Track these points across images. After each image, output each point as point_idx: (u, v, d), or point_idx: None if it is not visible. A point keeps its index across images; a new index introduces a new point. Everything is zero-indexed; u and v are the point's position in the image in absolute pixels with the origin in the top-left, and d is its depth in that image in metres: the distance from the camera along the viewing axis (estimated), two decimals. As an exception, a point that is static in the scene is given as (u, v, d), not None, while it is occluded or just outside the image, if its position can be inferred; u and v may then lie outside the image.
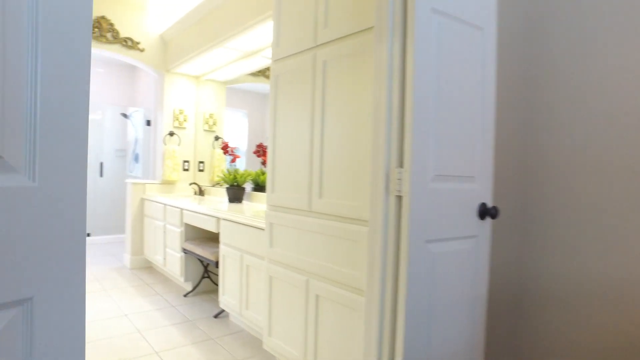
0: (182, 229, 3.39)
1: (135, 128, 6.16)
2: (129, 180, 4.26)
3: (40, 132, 0.72)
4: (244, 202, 3.54)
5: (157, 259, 3.88)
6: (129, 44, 4.17)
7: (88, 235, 5.44)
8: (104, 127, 6.01)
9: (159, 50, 4.38)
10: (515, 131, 1.98)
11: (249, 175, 3.52)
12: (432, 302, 1.45)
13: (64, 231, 0.76)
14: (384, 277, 1.40)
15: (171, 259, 3.55)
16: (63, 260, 0.76)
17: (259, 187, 3.58)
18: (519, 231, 1.96)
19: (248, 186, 3.68)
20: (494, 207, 1.59)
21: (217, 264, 2.86)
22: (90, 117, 5.82)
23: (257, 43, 3.35)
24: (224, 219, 2.71)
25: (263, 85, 4.21)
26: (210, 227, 2.89)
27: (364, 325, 1.48)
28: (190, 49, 3.87)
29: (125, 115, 6.23)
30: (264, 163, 3.67)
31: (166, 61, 4.40)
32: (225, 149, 3.70)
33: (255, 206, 3.21)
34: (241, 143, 4.45)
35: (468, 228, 1.56)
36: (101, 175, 5.72)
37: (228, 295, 2.71)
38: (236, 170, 3.52)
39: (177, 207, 3.43)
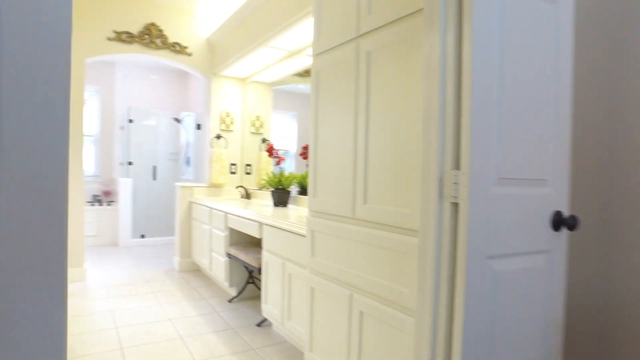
0: (227, 233, 3.34)
1: (187, 132, 6.29)
2: (177, 184, 4.30)
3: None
4: (289, 206, 3.42)
5: (203, 262, 3.87)
6: (177, 48, 4.22)
7: (142, 236, 5.61)
8: (158, 132, 6.18)
9: (205, 54, 4.40)
10: (597, 126, 1.68)
11: (294, 178, 3.41)
12: (495, 328, 1.22)
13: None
14: (437, 298, 1.20)
15: (216, 263, 3.52)
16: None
17: (305, 190, 3.45)
18: (602, 244, 1.66)
19: (294, 190, 3.57)
20: (572, 217, 1.33)
21: (259, 271, 2.76)
22: (146, 123, 6.01)
23: (300, 41, 3.23)
24: (266, 224, 2.61)
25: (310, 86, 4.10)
26: (253, 232, 2.79)
27: (414, 351, 1.29)
28: (235, 50, 3.83)
29: (177, 120, 6.39)
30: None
31: (213, 64, 4.41)
32: (270, 151, 3.61)
33: (300, 210, 3.08)
34: (291, 146, 4.36)
35: (539, 241, 1.31)
36: (154, 178, 5.88)
37: (270, 304, 2.60)
38: (281, 173, 3.41)
39: (222, 211, 3.38)
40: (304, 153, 3.58)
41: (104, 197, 6.03)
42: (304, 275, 2.17)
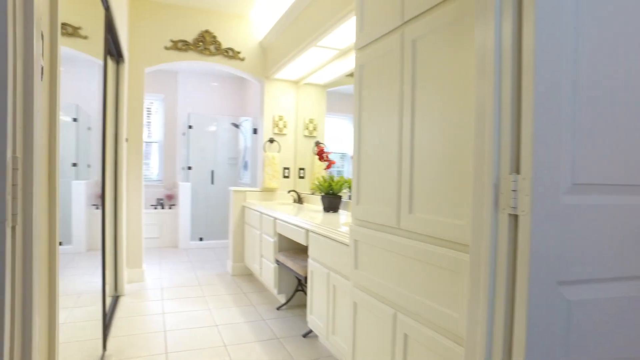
0: (276, 239, 3.26)
1: (244, 137, 6.38)
2: (231, 188, 4.33)
3: None
4: (340, 211, 3.27)
5: (254, 267, 3.83)
6: (230, 54, 4.25)
7: (200, 239, 5.75)
8: (218, 137, 6.33)
9: (258, 58, 4.40)
10: None
11: (345, 182, 3.25)
12: (570, 370, 0.98)
13: None
14: (491, 330, 0.98)
15: (266, 269, 3.45)
16: None
17: (355, 195, 3.28)
18: None
19: (347, 194, 3.42)
20: (675, 232, 1.04)
21: (306, 280, 2.64)
22: (205, 128, 6.18)
23: (349, 39, 3.08)
24: (311, 231, 2.48)
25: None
26: (300, 239, 2.68)
27: (466, 389, 1.08)
28: (285, 52, 3.77)
29: (235, 125, 6.51)
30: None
31: (265, 68, 4.39)
32: (320, 154, 3.49)
33: (349, 216, 2.92)
34: (347, 149, 4.21)
35: (635, 264, 1.04)
36: (212, 182, 6.01)
37: (315, 315, 2.46)
38: (331, 177, 3.28)
39: (271, 216, 3.31)
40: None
41: (166, 201, 6.29)
42: (347, 288, 2.01)
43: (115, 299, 3.30)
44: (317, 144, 4.25)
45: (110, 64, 3.46)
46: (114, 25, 2.78)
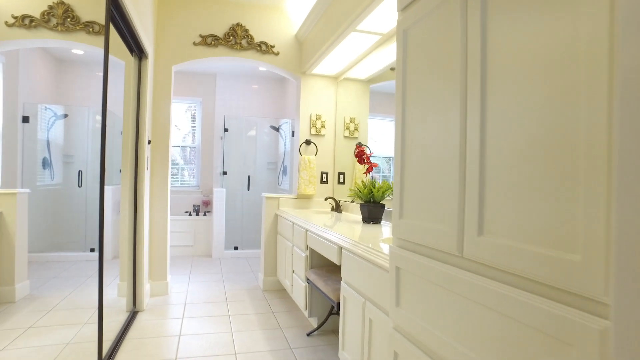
0: (307, 253, 2.83)
1: (284, 140, 6.04)
2: (264, 194, 3.96)
3: None
4: (382, 223, 2.79)
5: (286, 283, 3.42)
6: (263, 48, 3.90)
7: (235, 248, 5.44)
8: (256, 141, 6.03)
9: (293, 52, 4.02)
10: None
11: (388, 188, 2.77)
12: None
13: None
14: None
15: (297, 287, 3.03)
16: None
17: (400, 204, 2.79)
18: None
19: (390, 202, 2.93)
20: None
21: (338, 306, 2.18)
22: (243, 131, 5.90)
23: (391, 21, 2.60)
24: (345, 249, 2.02)
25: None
26: (332, 256, 2.22)
27: None
28: (322, 41, 3.35)
29: (274, 128, 6.19)
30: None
31: (301, 63, 4.00)
32: (360, 156, 3.02)
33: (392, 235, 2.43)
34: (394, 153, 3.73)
35: None
36: (248, 188, 5.70)
37: (348, 352, 1.99)
38: (371, 183, 2.80)
39: (303, 227, 2.89)
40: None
41: (203, 207, 6.06)
42: (387, 327, 1.53)
43: (133, 315, 3.01)
44: (358, 144, 3.79)
45: (132, 60, 3.21)
46: (125, 16, 2.49)
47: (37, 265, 4.13)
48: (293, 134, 5.55)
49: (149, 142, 3.36)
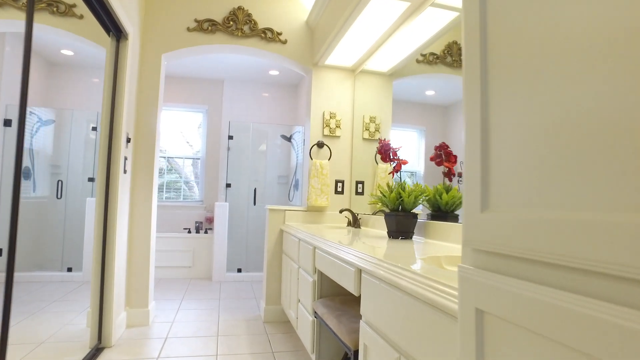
0: (316, 277, 2.17)
1: (296, 151, 5.46)
2: (267, 206, 3.33)
3: None
4: (414, 239, 2.12)
5: (290, 314, 2.74)
6: (269, 35, 3.35)
7: (239, 270, 4.79)
8: (267, 151, 5.46)
9: (303, 40, 3.45)
10: None
11: (422, 193, 2.10)
12: None
13: None
14: None
15: (302, 321, 2.35)
16: None
17: (441, 213, 2.12)
18: None
19: (422, 213, 2.28)
20: None
21: (355, 355, 1.50)
22: (253, 142, 5.34)
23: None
24: (366, 272, 1.36)
25: (442, 82, 2.77)
26: (347, 282, 1.55)
27: None
28: (336, 20, 2.78)
29: (286, 138, 5.61)
30: (448, 174, 2.20)
31: (313, 52, 3.43)
32: (384, 151, 2.35)
33: (434, 247, 1.75)
34: (418, 167, 3.07)
35: None
36: (254, 203, 5.09)
37: None
38: (400, 185, 2.15)
39: (310, 244, 2.24)
40: (439, 155, 2.29)
41: (205, 224, 5.47)
42: (448, 417, 0.85)
43: (95, 352, 2.37)
44: (380, 139, 3.13)
45: (109, 42, 2.68)
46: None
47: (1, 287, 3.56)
48: (304, 142, 4.97)
49: (129, 140, 2.79)
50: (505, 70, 0.63)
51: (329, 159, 3.39)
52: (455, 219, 2.07)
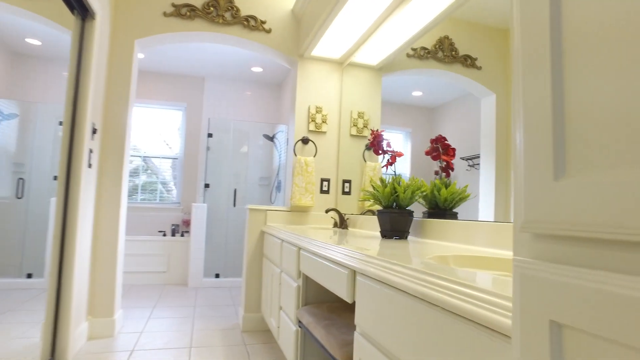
0: (300, 282, 1.94)
1: (278, 151, 5.23)
2: (247, 206, 3.09)
3: None
4: (409, 239, 1.92)
5: (271, 323, 2.51)
6: (252, 24, 3.13)
7: (217, 276, 4.52)
8: (248, 151, 5.21)
9: (289, 30, 3.25)
10: None
11: (419, 188, 1.91)
12: None
13: None
14: None
15: (285, 331, 2.12)
16: None
17: (439, 211, 1.93)
18: None
19: (417, 210, 2.08)
20: None
21: (349, 374, 1.29)
22: (234, 141, 5.09)
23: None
24: (362, 274, 1.14)
25: (431, 81, 2.60)
26: (338, 286, 1.34)
27: None
28: (322, 10, 2.58)
29: (269, 138, 5.38)
30: (445, 169, 2.01)
31: (299, 43, 3.23)
32: (377, 143, 2.14)
33: (434, 247, 1.54)
34: (403, 170, 2.89)
35: None
36: (234, 204, 4.83)
37: None
38: (395, 180, 1.95)
39: (294, 245, 2.01)
40: (436, 148, 2.11)
41: (183, 227, 5.17)
42: None
43: (49, 370, 2.08)
44: (373, 130, 2.96)
45: (74, 21, 2.42)
46: None
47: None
48: (288, 141, 4.76)
49: (95, 131, 2.52)
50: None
51: (314, 156, 3.19)
52: (454, 216, 1.89)
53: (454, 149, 2.05)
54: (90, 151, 2.48)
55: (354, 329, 1.48)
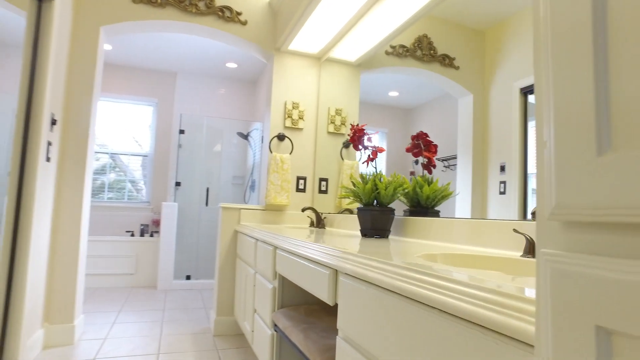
0: (276, 284, 1.84)
1: (253, 150, 5.09)
2: (221, 204, 2.95)
3: None
4: (390, 238, 1.84)
5: (245, 326, 2.39)
6: (227, 14, 3.00)
7: (187, 277, 4.34)
8: (222, 150, 5.05)
9: (266, 23, 3.13)
10: None
11: (401, 185, 1.84)
12: None
13: None
14: None
15: (259, 335, 2.00)
16: None
17: (421, 209, 1.86)
18: None
19: (399, 208, 2.01)
20: None
21: (330, 382, 1.19)
22: (207, 139, 4.92)
23: None
24: (345, 275, 1.05)
25: (409, 80, 2.54)
26: (319, 288, 1.24)
27: None
28: (300, 2, 2.49)
29: (243, 136, 5.24)
30: (427, 166, 1.95)
31: (276, 36, 3.12)
32: (357, 138, 2.05)
33: (418, 245, 1.47)
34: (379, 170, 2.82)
35: None
36: (206, 204, 4.67)
37: None
38: (376, 176, 1.87)
39: (270, 244, 1.90)
40: (417, 145, 2.04)
41: (152, 227, 4.96)
42: None
43: (-2, 383, 1.90)
44: (352, 125, 2.88)
45: (29, 3, 2.24)
46: None
47: None
48: (263, 139, 4.63)
49: (54, 122, 2.34)
50: None
51: (290, 153, 3.08)
52: (436, 215, 1.83)
53: (435, 146, 1.99)
54: (49, 144, 2.29)
55: (334, 333, 1.39)
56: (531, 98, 1.45)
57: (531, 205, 1.36)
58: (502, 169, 1.53)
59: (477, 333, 0.58)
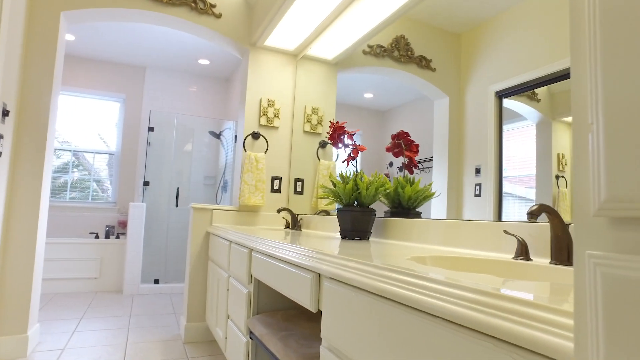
0: (251, 288, 1.74)
1: (225, 149, 4.95)
2: (192, 205, 2.82)
3: None
4: (372, 240, 1.78)
5: (217, 333, 2.27)
6: (200, 6, 2.88)
7: (156, 282, 4.16)
8: (193, 149, 4.87)
9: (241, 17, 3.03)
10: None
11: (383, 185, 1.78)
12: None
13: None
14: None
15: (233, 342, 1.90)
16: None
17: (402, 210, 1.81)
18: None
19: (379, 209, 1.95)
20: None
21: (311, 395, 1.11)
22: (177, 137, 4.74)
23: None
24: (329, 279, 0.97)
25: (385, 80, 2.50)
26: (299, 294, 1.15)
27: None
28: (281, -14, 2.40)
29: (215, 135, 5.08)
30: (408, 166, 1.89)
31: (251, 31, 3.02)
32: (337, 135, 1.97)
33: (401, 247, 1.40)
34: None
35: None
36: (176, 204, 4.49)
37: None
38: (357, 175, 1.80)
39: (245, 247, 1.80)
40: (398, 144, 1.99)
41: (119, 229, 4.73)
42: None
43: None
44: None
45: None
46: None
47: None
48: (236, 139, 4.50)
49: (6, 113, 2.15)
50: None
51: (265, 152, 2.98)
52: (417, 216, 1.78)
53: (417, 145, 1.94)
54: (0, 136, 2.11)
55: (316, 341, 1.30)
56: (506, 102, 1.42)
57: (505, 207, 1.34)
58: (478, 171, 1.50)
59: (489, 345, 0.51)
